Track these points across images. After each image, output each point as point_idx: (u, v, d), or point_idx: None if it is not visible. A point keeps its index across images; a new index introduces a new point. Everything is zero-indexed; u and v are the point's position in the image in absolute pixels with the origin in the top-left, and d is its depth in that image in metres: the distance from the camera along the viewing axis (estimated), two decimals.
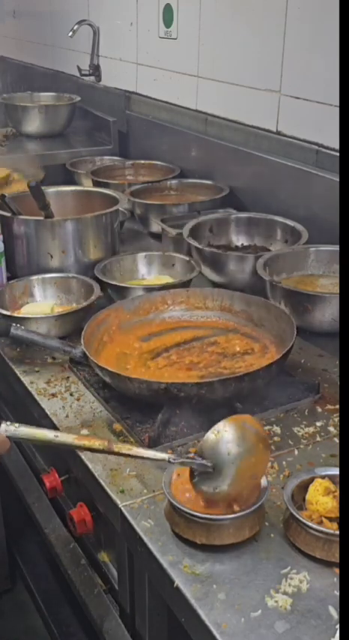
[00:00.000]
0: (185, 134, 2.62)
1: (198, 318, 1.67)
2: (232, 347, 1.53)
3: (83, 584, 1.62)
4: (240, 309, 1.63)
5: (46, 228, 1.90)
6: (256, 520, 1.07)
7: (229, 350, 1.52)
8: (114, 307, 1.64)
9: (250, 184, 2.32)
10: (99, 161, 2.90)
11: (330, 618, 0.95)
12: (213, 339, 1.58)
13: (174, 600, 1.03)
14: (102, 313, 1.60)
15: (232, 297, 1.66)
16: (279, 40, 2.09)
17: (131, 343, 1.58)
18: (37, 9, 3.88)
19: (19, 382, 1.57)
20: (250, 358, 1.48)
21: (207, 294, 1.69)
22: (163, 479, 1.12)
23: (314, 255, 1.87)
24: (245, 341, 1.56)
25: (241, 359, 1.48)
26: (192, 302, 1.69)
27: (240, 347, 1.53)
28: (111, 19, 3.08)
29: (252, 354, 1.50)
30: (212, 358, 1.50)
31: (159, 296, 1.69)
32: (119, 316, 1.63)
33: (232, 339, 1.57)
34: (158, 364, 1.50)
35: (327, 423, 1.37)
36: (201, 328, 1.63)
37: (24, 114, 3.12)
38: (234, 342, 1.55)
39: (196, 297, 1.69)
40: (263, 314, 1.58)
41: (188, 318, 1.67)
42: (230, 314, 1.64)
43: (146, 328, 1.64)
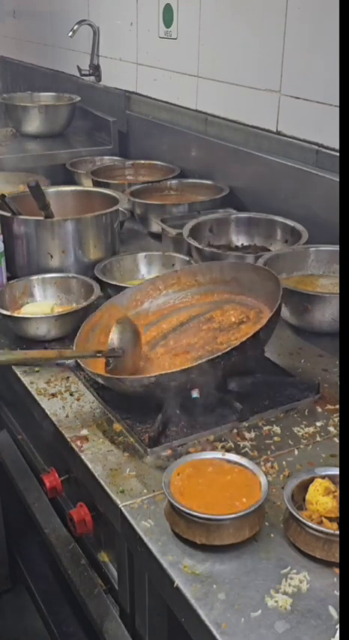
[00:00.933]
0: (185, 134, 2.62)
1: (193, 295, 1.65)
2: (227, 319, 1.51)
3: (83, 584, 1.62)
4: (230, 278, 1.61)
5: (46, 228, 1.90)
6: (256, 520, 1.08)
7: (225, 322, 1.50)
8: (107, 306, 1.63)
9: (250, 184, 2.32)
10: (99, 161, 2.90)
11: (330, 618, 0.95)
12: (209, 314, 1.56)
13: (174, 600, 1.03)
14: (95, 315, 1.59)
15: (221, 268, 1.64)
16: (279, 40, 2.09)
17: None
18: (37, 9, 3.88)
19: (19, 382, 1.57)
20: (245, 327, 1.46)
21: (196, 270, 1.67)
22: (163, 479, 1.12)
23: (314, 255, 1.87)
24: (240, 310, 1.53)
25: (237, 329, 1.46)
26: (184, 282, 1.67)
27: (235, 317, 1.51)
28: (111, 19, 3.08)
29: (247, 322, 1.48)
30: (208, 335, 1.48)
31: (150, 284, 1.68)
32: (113, 314, 1.61)
33: (227, 310, 1.54)
34: (157, 353, 1.49)
35: (327, 423, 1.37)
36: (196, 306, 1.62)
37: (24, 114, 3.12)
38: (229, 312, 1.53)
39: (186, 276, 1.67)
40: (253, 277, 1.55)
41: (182, 299, 1.65)
42: (222, 285, 1.62)
43: (142, 319, 1.63)
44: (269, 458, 1.26)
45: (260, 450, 1.29)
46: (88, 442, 1.32)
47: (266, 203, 2.20)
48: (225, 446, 1.30)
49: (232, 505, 1.07)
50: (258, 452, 1.28)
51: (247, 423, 1.36)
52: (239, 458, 1.17)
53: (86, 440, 1.33)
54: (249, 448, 1.29)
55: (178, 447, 1.30)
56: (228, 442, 1.31)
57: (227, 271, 1.62)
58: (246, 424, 1.36)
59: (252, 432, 1.34)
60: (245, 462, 1.16)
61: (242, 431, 1.34)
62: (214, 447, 1.29)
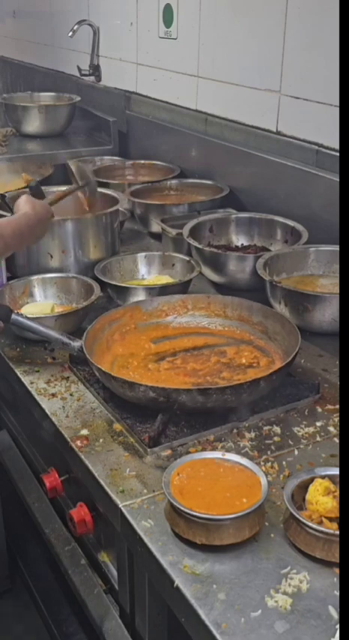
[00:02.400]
0: (185, 134, 2.62)
1: (217, 326, 1.66)
2: (239, 358, 1.52)
3: (83, 584, 1.62)
4: (257, 321, 1.62)
5: None
6: (256, 520, 1.08)
7: (235, 361, 1.51)
8: (131, 307, 1.65)
9: (250, 184, 2.32)
10: (99, 161, 2.90)
11: (330, 618, 0.95)
12: (223, 348, 1.57)
13: (174, 600, 1.03)
14: (117, 312, 1.61)
15: (251, 309, 1.64)
16: (279, 40, 2.09)
17: (142, 344, 1.59)
18: (37, 9, 3.88)
19: (19, 382, 1.57)
20: (252, 371, 1.46)
21: (228, 302, 1.67)
22: (163, 479, 1.12)
23: (314, 255, 1.87)
24: (254, 354, 1.54)
25: (243, 371, 1.47)
26: (213, 309, 1.68)
27: (246, 359, 1.51)
28: (111, 19, 3.08)
29: (256, 368, 1.48)
30: (215, 367, 1.49)
31: (180, 299, 1.69)
32: (135, 316, 1.63)
33: (243, 350, 1.55)
34: (159, 367, 1.50)
35: (327, 423, 1.37)
36: (215, 336, 1.63)
37: (24, 114, 3.12)
38: (244, 353, 1.54)
39: (216, 305, 1.68)
40: (277, 328, 1.56)
41: (206, 325, 1.67)
42: (248, 325, 1.63)
43: (161, 330, 1.64)
44: (269, 458, 1.26)
45: (260, 450, 1.29)
46: (88, 442, 1.32)
47: (266, 203, 2.20)
48: (225, 446, 1.30)
49: (232, 505, 1.07)
50: (258, 452, 1.28)
51: (247, 423, 1.36)
52: (239, 458, 1.17)
53: (86, 440, 1.33)
54: (249, 448, 1.29)
55: (178, 447, 1.30)
56: (228, 442, 1.31)
57: (256, 313, 1.62)
58: (246, 424, 1.36)
59: (252, 432, 1.34)
60: (245, 462, 1.16)
61: (242, 431, 1.34)
62: (214, 447, 1.29)
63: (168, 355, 1.56)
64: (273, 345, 1.56)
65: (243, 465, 1.15)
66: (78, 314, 1.69)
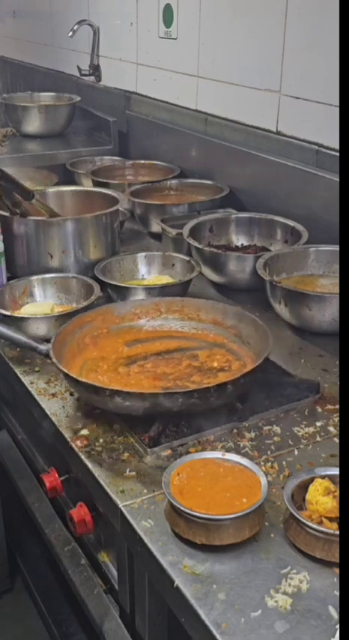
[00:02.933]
0: (185, 134, 2.62)
1: (190, 329, 1.62)
2: (211, 362, 1.48)
3: (83, 584, 1.62)
4: (230, 324, 1.59)
5: (46, 228, 1.90)
6: (256, 520, 1.08)
7: (207, 364, 1.48)
8: (103, 309, 1.62)
9: (250, 184, 2.32)
10: (99, 161, 2.90)
11: (330, 618, 0.95)
12: (196, 352, 1.54)
13: (174, 600, 1.03)
14: (89, 315, 1.58)
15: (225, 312, 1.61)
16: (279, 40, 2.09)
17: (116, 347, 1.55)
18: (37, 9, 3.88)
19: (19, 382, 1.57)
20: (223, 375, 1.43)
21: (201, 305, 1.64)
22: (163, 479, 1.12)
23: (314, 255, 1.87)
24: (226, 357, 1.51)
25: (214, 375, 1.43)
26: (186, 312, 1.64)
27: (218, 363, 1.48)
28: (111, 19, 3.08)
29: (227, 371, 1.45)
30: (186, 371, 1.46)
31: (153, 303, 1.66)
32: (107, 319, 1.60)
33: (215, 353, 1.52)
34: (129, 371, 1.46)
35: (327, 423, 1.37)
36: (189, 339, 1.59)
37: (24, 114, 3.12)
38: (215, 357, 1.50)
39: (190, 308, 1.64)
40: (251, 331, 1.53)
41: (179, 329, 1.63)
42: (221, 328, 1.60)
43: (134, 334, 1.61)
44: (269, 458, 1.26)
45: (260, 450, 1.29)
46: (88, 442, 1.32)
47: (266, 203, 2.20)
48: (225, 446, 1.30)
49: (232, 505, 1.07)
50: (258, 452, 1.28)
51: (247, 423, 1.36)
52: (239, 458, 1.17)
53: (86, 440, 1.33)
54: (249, 448, 1.29)
55: (178, 447, 1.30)
56: (228, 442, 1.31)
57: (230, 317, 1.59)
58: (246, 424, 1.36)
59: (252, 432, 1.34)
60: (245, 462, 1.16)
61: (242, 431, 1.34)
62: (214, 447, 1.29)
63: (140, 359, 1.53)
64: (246, 349, 1.52)
65: (243, 465, 1.15)
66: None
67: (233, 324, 1.59)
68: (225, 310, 1.62)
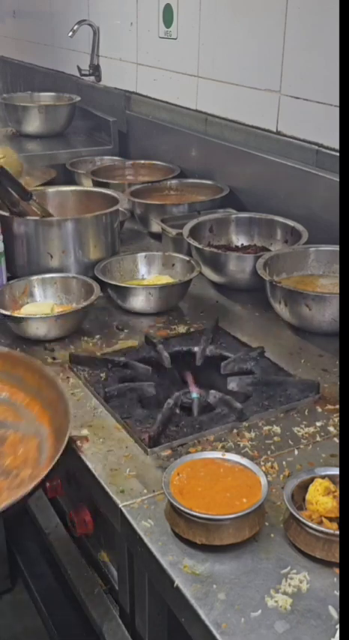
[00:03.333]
0: (185, 134, 2.62)
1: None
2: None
3: (83, 584, 1.62)
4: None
5: (45, 228, 1.90)
6: (256, 520, 1.08)
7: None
8: None
9: (250, 184, 2.32)
10: (99, 161, 2.90)
11: (330, 618, 0.95)
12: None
13: (174, 600, 1.03)
14: None
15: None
16: (279, 40, 2.09)
17: None
18: (37, 9, 3.88)
19: None
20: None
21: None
22: (163, 479, 1.12)
23: (314, 255, 1.87)
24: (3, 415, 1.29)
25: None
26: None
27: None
28: (111, 19, 3.08)
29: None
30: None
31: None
32: None
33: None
34: None
35: (327, 423, 1.37)
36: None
37: (24, 114, 3.12)
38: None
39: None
40: (40, 383, 1.34)
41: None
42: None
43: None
44: (269, 458, 1.26)
45: (260, 450, 1.29)
46: (88, 442, 1.32)
47: (266, 203, 2.20)
48: (225, 446, 1.30)
49: (232, 505, 1.06)
50: (258, 452, 1.28)
51: (247, 423, 1.36)
52: (239, 458, 1.17)
53: (86, 440, 1.33)
54: (249, 448, 1.29)
55: (178, 447, 1.30)
56: (228, 442, 1.31)
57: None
58: (246, 424, 1.36)
59: (251, 432, 1.34)
60: (245, 462, 1.16)
61: (242, 431, 1.34)
62: (214, 447, 1.29)
63: None
64: (38, 408, 1.33)
65: (243, 465, 1.15)
66: (78, 314, 1.69)
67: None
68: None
